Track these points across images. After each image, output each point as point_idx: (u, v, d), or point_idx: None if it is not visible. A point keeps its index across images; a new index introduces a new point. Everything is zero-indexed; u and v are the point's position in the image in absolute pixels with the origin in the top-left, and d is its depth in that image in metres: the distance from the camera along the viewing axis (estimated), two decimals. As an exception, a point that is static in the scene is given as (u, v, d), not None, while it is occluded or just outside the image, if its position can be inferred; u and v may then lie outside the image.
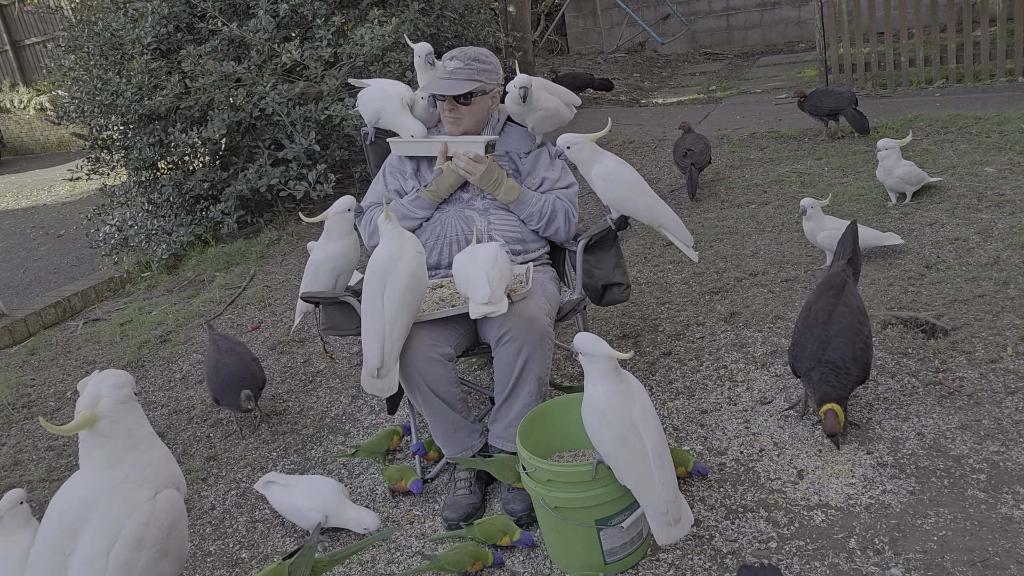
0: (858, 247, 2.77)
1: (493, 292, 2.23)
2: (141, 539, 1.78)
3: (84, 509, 1.78)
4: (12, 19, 12.82)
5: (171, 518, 1.84)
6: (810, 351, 2.43)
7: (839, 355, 2.38)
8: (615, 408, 1.94)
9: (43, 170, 10.92)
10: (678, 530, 1.95)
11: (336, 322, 2.65)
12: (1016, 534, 2.00)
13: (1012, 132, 4.84)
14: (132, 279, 5.68)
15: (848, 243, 2.76)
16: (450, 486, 2.50)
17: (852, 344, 2.40)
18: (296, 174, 5.18)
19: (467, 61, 2.66)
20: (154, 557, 1.79)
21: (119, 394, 1.87)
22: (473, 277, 2.28)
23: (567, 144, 2.57)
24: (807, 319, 2.53)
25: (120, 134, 5.50)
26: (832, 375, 2.37)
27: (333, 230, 2.77)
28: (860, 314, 2.50)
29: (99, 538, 1.75)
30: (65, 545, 1.76)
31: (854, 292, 2.57)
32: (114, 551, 1.75)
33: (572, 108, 2.86)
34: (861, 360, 2.40)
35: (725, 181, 5.02)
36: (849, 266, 2.67)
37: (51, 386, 3.95)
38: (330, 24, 5.10)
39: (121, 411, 1.86)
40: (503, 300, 2.25)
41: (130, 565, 1.75)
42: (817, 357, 2.40)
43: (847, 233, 2.79)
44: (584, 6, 10.68)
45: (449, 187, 2.70)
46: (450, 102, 2.67)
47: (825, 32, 6.59)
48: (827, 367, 2.38)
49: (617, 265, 2.75)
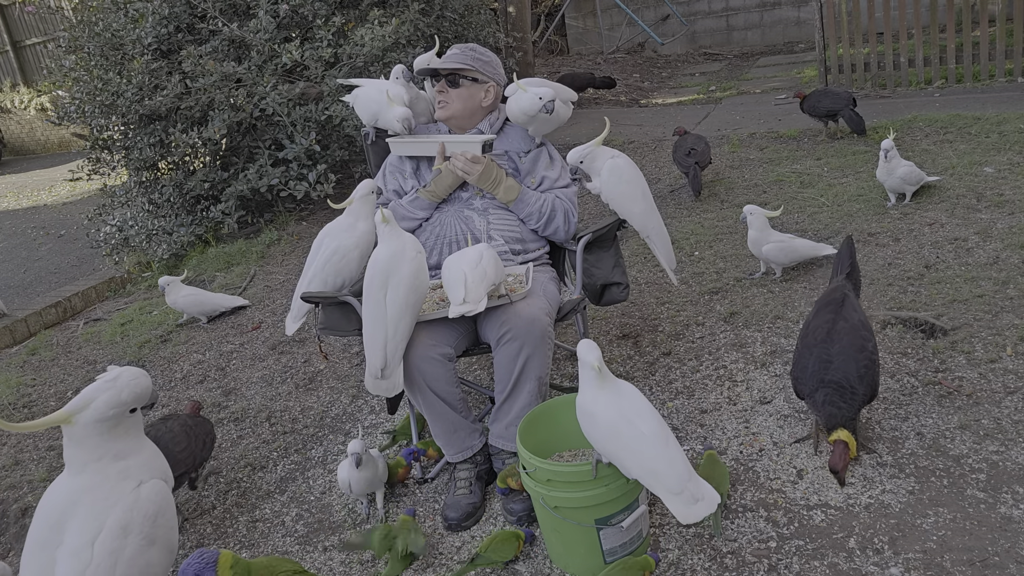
0: (855, 261, 2.67)
1: (468, 292, 2.22)
2: (126, 526, 1.75)
3: (68, 505, 1.77)
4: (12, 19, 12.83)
5: (156, 506, 1.81)
6: (812, 371, 2.31)
7: (842, 374, 2.26)
8: (600, 404, 1.93)
9: (44, 170, 10.92)
10: (702, 508, 1.85)
11: (335, 323, 2.65)
12: (1015, 534, 2.01)
13: (1011, 132, 4.85)
14: (133, 279, 5.69)
15: (845, 257, 2.66)
16: (450, 486, 2.50)
17: (856, 361, 2.28)
18: (296, 174, 5.18)
19: (464, 49, 2.76)
20: (141, 545, 1.76)
21: (104, 413, 1.80)
22: (453, 279, 2.30)
23: (579, 159, 2.68)
24: (806, 338, 2.42)
25: (121, 134, 5.51)
26: (837, 396, 2.23)
27: (360, 213, 2.66)
28: (863, 329, 2.37)
29: (84, 529, 1.73)
30: (51, 541, 1.74)
31: (855, 306, 2.46)
32: (99, 540, 1.72)
33: (570, 105, 2.86)
34: (867, 378, 2.28)
35: (725, 181, 5.02)
36: (848, 280, 2.57)
37: (51, 386, 3.95)
38: (330, 24, 5.10)
39: (96, 427, 1.80)
40: (481, 300, 2.23)
41: (116, 553, 1.72)
42: (820, 378, 2.28)
43: (844, 246, 2.69)
44: (584, 6, 10.69)
45: (448, 187, 2.71)
46: (440, 84, 2.74)
47: (825, 32, 6.60)
48: (831, 387, 2.25)
49: (616, 265, 2.76)
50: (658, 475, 1.87)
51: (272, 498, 2.71)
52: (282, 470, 2.87)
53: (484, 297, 2.25)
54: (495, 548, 2.16)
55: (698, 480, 1.90)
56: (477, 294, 2.23)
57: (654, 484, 1.88)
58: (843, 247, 2.71)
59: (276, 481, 2.80)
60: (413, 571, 2.24)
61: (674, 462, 1.87)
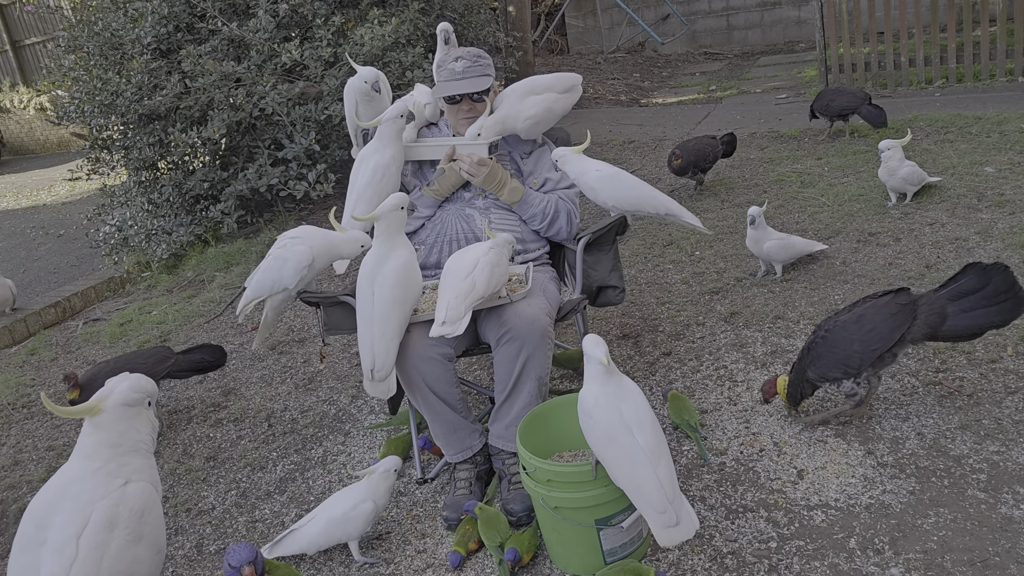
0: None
1: (448, 311, 2.21)
2: (112, 521, 1.73)
3: (56, 499, 1.76)
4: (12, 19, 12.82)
5: (143, 503, 1.80)
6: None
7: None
8: (601, 407, 1.93)
9: (43, 170, 10.92)
10: (680, 533, 1.89)
11: (338, 322, 2.65)
12: (1016, 534, 2.00)
13: (1012, 132, 4.84)
14: (132, 279, 5.68)
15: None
16: (450, 486, 2.50)
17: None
18: (296, 174, 5.18)
19: (473, 59, 2.66)
20: (127, 540, 1.74)
21: (130, 397, 1.87)
22: (442, 291, 2.29)
23: (556, 158, 2.71)
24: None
25: (120, 134, 5.50)
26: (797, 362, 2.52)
27: (388, 138, 2.61)
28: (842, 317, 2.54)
29: (68, 524, 1.71)
30: (35, 539, 1.73)
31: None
32: (84, 534, 1.70)
33: (575, 91, 2.83)
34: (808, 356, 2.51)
35: (725, 181, 5.02)
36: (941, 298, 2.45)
37: (51, 386, 3.95)
38: (330, 24, 5.10)
39: (123, 412, 1.85)
40: (461, 319, 2.21)
41: (101, 547, 1.70)
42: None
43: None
44: (584, 6, 10.68)
45: (452, 186, 2.70)
46: (466, 101, 2.67)
47: (825, 32, 6.59)
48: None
49: (614, 268, 2.75)
50: (643, 492, 1.89)
51: (272, 498, 2.71)
52: (282, 470, 2.86)
53: (466, 316, 2.22)
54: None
55: (682, 500, 1.92)
56: (456, 313, 2.21)
57: (638, 499, 1.91)
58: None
59: (276, 481, 2.80)
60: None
61: (662, 482, 1.88)
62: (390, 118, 2.59)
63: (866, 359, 2.39)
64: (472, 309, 2.25)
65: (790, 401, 2.56)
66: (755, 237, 3.53)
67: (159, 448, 3.10)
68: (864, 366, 2.40)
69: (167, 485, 2.87)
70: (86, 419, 1.85)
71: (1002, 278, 2.35)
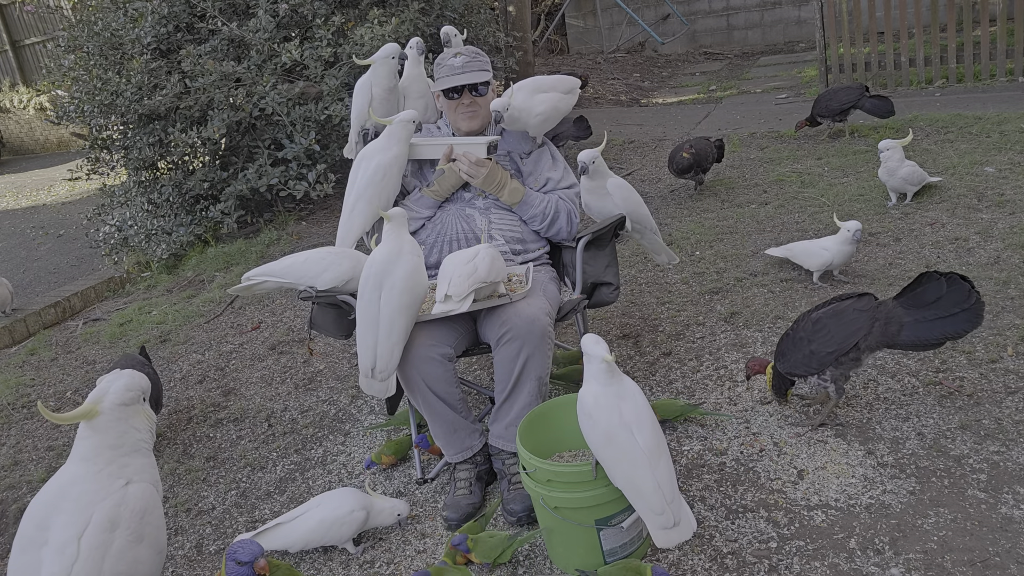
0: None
1: (451, 287, 2.23)
2: (114, 521, 1.73)
3: (57, 500, 1.76)
4: (12, 19, 12.81)
5: (144, 503, 1.80)
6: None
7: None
8: (601, 407, 1.93)
9: (43, 170, 10.91)
10: (677, 534, 1.90)
11: (324, 324, 2.63)
12: (1016, 534, 2.00)
13: (1012, 132, 4.84)
14: (132, 279, 5.68)
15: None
16: (450, 486, 2.49)
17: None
18: (296, 174, 5.18)
19: (472, 55, 2.69)
20: (129, 540, 1.74)
21: (125, 396, 1.87)
22: (441, 276, 2.31)
23: (591, 160, 2.74)
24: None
25: (120, 134, 5.50)
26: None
27: (396, 136, 2.63)
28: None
29: (70, 524, 1.71)
30: (36, 539, 1.73)
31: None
32: (86, 534, 1.70)
33: (574, 93, 2.86)
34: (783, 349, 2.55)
35: (725, 181, 5.02)
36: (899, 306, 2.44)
37: (51, 386, 3.95)
38: (330, 24, 5.10)
39: (121, 412, 1.85)
40: (466, 297, 2.23)
41: (103, 547, 1.70)
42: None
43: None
44: (584, 6, 10.68)
45: (452, 186, 2.70)
46: (466, 95, 2.68)
47: (825, 32, 6.59)
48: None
49: (609, 265, 2.76)
50: (641, 493, 1.90)
51: (272, 498, 2.71)
52: (281, 470, 2.86)
53: (469, 294, 2.23)
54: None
55: (680, 502, 1.93)
56: (460, 289, 2.22)
57: (636, 500, 1.92)
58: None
59: (275, 481, 2.80)
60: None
61: (660, 483, 1.89)
62: (402, 120, 2.62)
63: (825, 361, 2.42)
64: (474, 289, 2.26)
65: (775, 392, 2.61)
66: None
67: (159, 448, 3.10)
68: (825, 366, 2.43)
69: (167, 485, 2.87)
70: (82, 423, 1.84)
71: (957, 289, 2.31)
